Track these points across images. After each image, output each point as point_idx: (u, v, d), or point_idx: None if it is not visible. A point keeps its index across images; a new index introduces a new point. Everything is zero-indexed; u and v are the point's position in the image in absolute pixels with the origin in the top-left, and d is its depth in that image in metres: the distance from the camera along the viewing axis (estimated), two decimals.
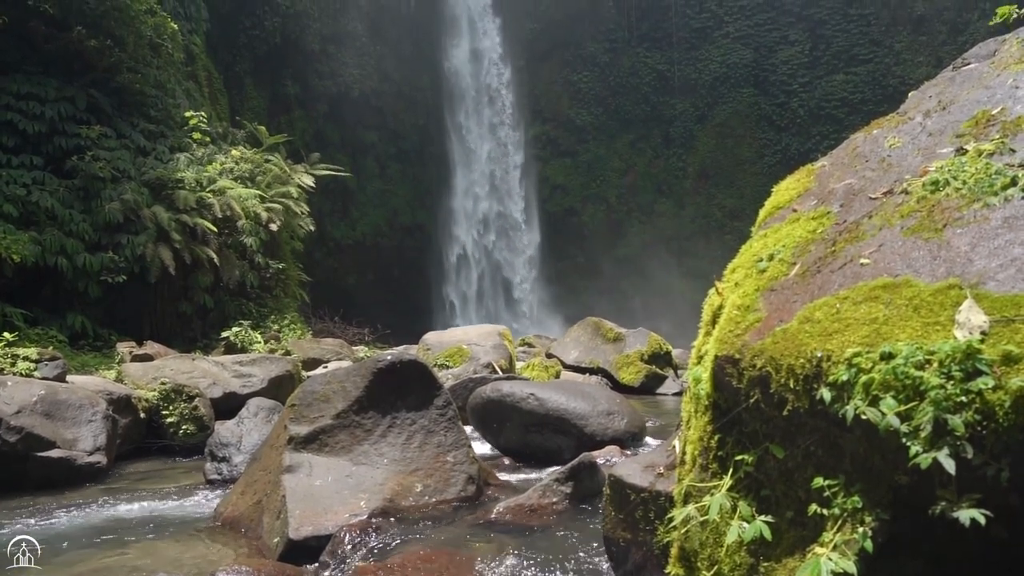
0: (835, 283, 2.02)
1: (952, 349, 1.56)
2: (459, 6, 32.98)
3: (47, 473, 6.14)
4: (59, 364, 8.13)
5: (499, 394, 6.49)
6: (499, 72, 33.44)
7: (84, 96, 14.89)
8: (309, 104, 28.37)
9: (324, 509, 4.13)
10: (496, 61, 33.44)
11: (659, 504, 2.62)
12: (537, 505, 4.26)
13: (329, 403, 4.78)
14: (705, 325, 2.56)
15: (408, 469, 4.61)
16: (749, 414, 2.03)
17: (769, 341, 1.97)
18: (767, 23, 31.70)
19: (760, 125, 31.79)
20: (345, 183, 27.10)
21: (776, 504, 1.96)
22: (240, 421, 6.64)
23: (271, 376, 9.27)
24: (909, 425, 1.54)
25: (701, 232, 31.88)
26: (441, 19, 32.75)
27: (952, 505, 1.48)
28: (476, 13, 33.24)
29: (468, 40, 33.16)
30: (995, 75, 2.59)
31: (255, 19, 25.65)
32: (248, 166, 17.70)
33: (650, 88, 33.54)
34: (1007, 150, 2.13)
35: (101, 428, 6.61)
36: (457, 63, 33.01)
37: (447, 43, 32.86)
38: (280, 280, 17.53)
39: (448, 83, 32.88)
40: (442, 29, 32.77)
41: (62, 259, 12.99)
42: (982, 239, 1.85)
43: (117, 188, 14.18)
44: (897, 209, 2.17)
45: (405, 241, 31.97)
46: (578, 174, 34.18)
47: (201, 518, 4.94)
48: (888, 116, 2.94)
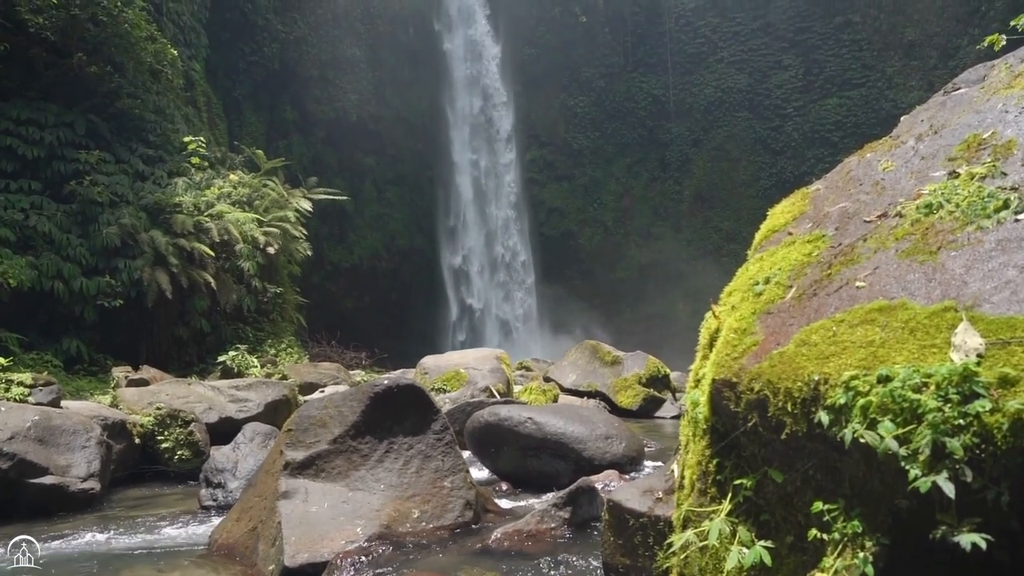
0: (831, 306, 2.02)
1: (949, 372, 1.56)
2: (457, 32, 33.36)
3: (40, 500, 6.07)
4: (54, 389, 8.08)
5: (497, 418, 6.46)
6: (496, 97, 33.69)
7: (83, 121, 14.99)
8: (307, 129, 28.57)
9: (320, 536, 4.09)
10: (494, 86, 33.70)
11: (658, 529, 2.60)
12: (535, 531, 4.22)
13: (326, 428, 4.75)
14: (702, 348, 2.56)
15: (405, 495, 4.57)
16: (747, 438, 2.02)
17: (766, 364, 1.96)
18: (761, 48, 32.12)
19: (755, 148, 32.06)
20: (343, 207, 27.19)
21: (776, 529, 1.94)
22: (236, 446, 6.58)
23: (267, 401, 9.21)
24: (907, 448, 1.54)
25: (698, 255, 31.99)
26: (439, 45, 33.10)
27: (953, 529, 1.47)
28: (474, 38, 33.60)
29: (466, 65, 33.47)
30: (985, 100, 2.62)
31: (254, 45, 25.92)
32: (246, 190, 17.77)
33: (646, 112, 33.87)
34: (999, 173, 2.15)
35: (95, 454, 6.55)
36: (455, 87, 33.29)
37: (445, 68, 33.17)
38: (277, 304, 17.51)
39: (446, 108, 33.13)
40: (440, 54, 33.11)
41: (59, 283, 12.98)
42: (976, 262, 1.86)
43: (115, 212, 14.22)
44: (892, 232, 2.19)
45: (403, 265, 32.00)
46: (575, 197, 34.36)
47: (196, 545, 4.88)
48: (881, 140, 2.97)
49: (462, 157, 33.29)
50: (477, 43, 33.83)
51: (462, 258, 32.68)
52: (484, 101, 33.67)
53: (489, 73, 34.00)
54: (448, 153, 33.13)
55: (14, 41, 14.15)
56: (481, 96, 33.66)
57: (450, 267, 32.69)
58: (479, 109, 33.52)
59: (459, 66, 33.48)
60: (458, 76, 33.42)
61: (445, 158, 32.98)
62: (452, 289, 32.41)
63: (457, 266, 32.63)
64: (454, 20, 33.62)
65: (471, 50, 33.65)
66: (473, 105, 33.45)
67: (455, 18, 33.65)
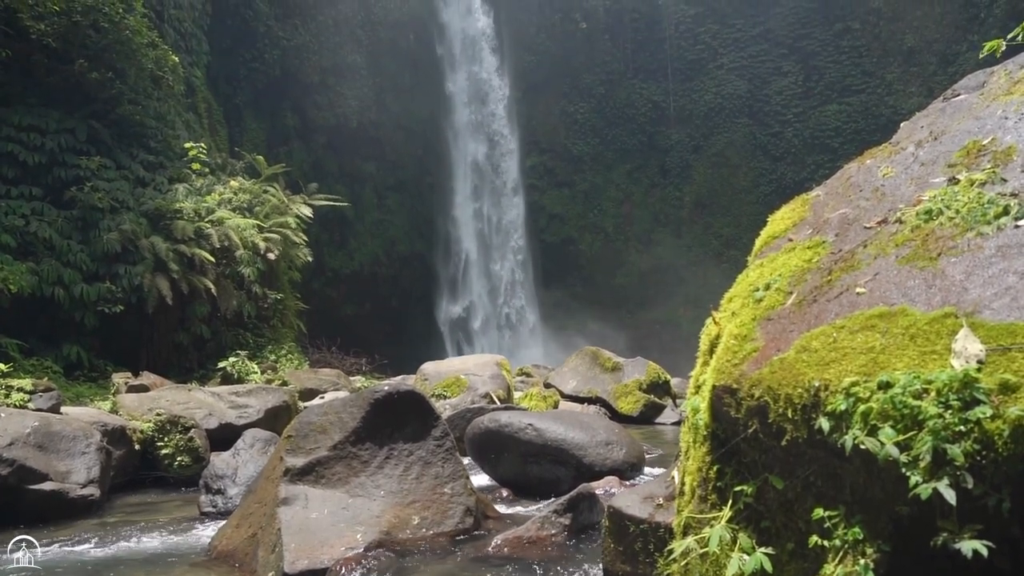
0: (832, 312, 2.02)
1: (949, 378, 1.56)
2: (457, 39, 33.38)
3: (39, 506, 6.05)
4: (53, 395, 8.08)
5: (497, 424, 6.45)
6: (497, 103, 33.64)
7: (85, 127, 15.02)
8: (308, 135, 28.62)
9: (320, 542, 4.08)
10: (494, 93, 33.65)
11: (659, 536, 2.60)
12: (536, 537, 4.21)
13: (326, 434, 4.74)
14: (703, 355, 2.56)
15: (405, 501, 4.56)
16: (748, 444, 2.02)
17: (767, 371, 1.96)
18: (760, 55, 32.21)
19: (755, 155, 32.11)
20: (343, 213, 27.23)
21: (776, 535, 1.94)
22: (236, 452, 6.57)
23: (267, 407, 9.20)
24: (908, 455, 1.53)
25: (698, 261, 31.99)
26: (439, 52, 33.15)
27: (954, 536, 1.47)
28: (474, 46, 33.60)
29: (466, 72, 33.46)
30: (985, 106, 2.62)
31: (255, 52, 25.99)
32: (246, 196, 17.79)
33: (646, 119, 33.94)
34: (998, 180, 2.16)
35: (95, 460, 6.54)
36: (455, 95, 33.27)
37: (445, 75, 33.16)
38: (278, 310, 17.51)
39: (446, 114, 33.14)
40: (440, 61, 33.16)
41: (59, 289, 12.98)
42: (976, 268, 1.86)
43: (116, 218, 14.24)
44: (892, 238, 2.19)
45: (403, 271, 32.01)
46: (575, 203, 34.39)
47: (195, 552, 4.86)
48: (881, 146, 2.97)
49: (464, 211, 32.71)
50: (483, 83, 33.18)
51: (462, 265, 32.51)
52: (490, 148, 33.14)
53: (496, 118, 33.08)
54: (449, 206, 32.68)
55: (16, 47, 14.19)
56: (486, 142, 33.07)
57: (450, 274, 32.59)
58: (480, 116, 33.37)
59: (460, 74, 33.28)
60: (458, 83, 33.24)
61: (444, 164, 32.90)
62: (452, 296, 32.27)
63: (457, 273, 32.48)
64: (458, 58, 32.99)
65: (476, 91, 33.13)
66: (474, 112, 33.31)
67: (459, 56, 32.96)
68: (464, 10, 33.50)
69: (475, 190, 32.87)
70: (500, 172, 33.21)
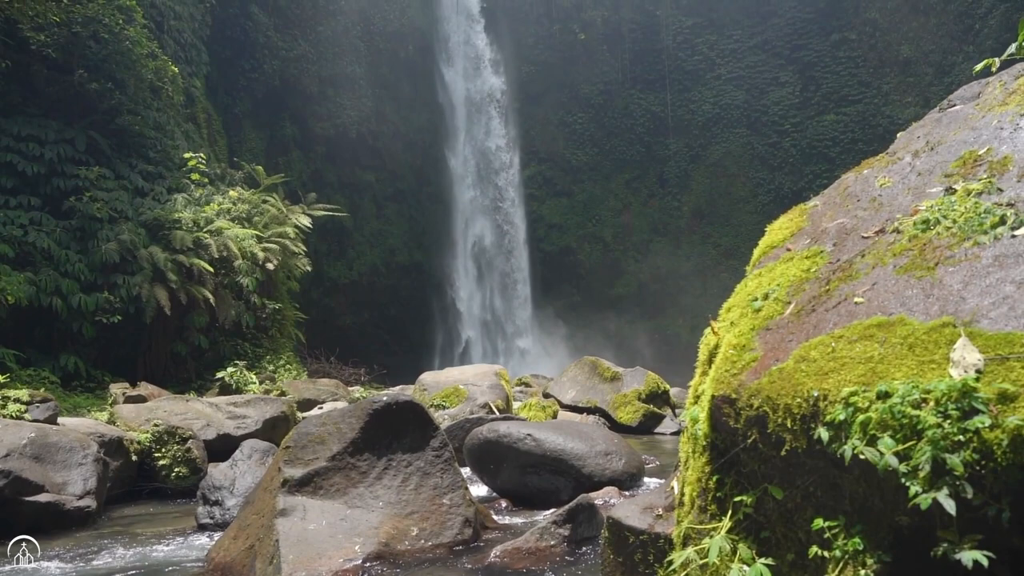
0: (830, 322, 2.02)
1: (948, 388, 1.56)
2: (456, 50, 33.52)
3: (35, 518, 6.02)
4: (50, 406, 8.05)
5: (496, 435, 6.43)
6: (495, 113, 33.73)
7: (84, 138, 15.05)
8: (307, 145, 28.69)
9: (318, 554, 4.06)
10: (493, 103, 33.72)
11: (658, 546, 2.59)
12: (535, 548, 4.19)
13: (324, 445, 4.73)
14: (701, 364, 2.56)
15: (404, 512, 4.54)
16: (747, 454, 2.01)
17: (766, 381, 1.96)
18: (758, 65, 32.37)
19: (753, 165, 32.22)
20: (342, 223, 27.25)
21: (776, 546, 1.93)
22: (233, 463, 6.54)
23: (265, 417, 9.18)
24: (907, 465, 1.53)
25: (697, 271, 32.03)
26: (438, 62, 33.28)
27: (954, 547, 1.46)
28: (473, 56, 33.73)
29: (465, 82, 33.57)
30: (980, 116, 2.64)
31: (255, 62, 26.08)
32: (245, 206, 17.81)
33: (644, 129, 34.06)
34: (995, 189, 2.16)
35: (91, 471, 6.51)
36: (454, 104, 33.36)
37: (444, 85, 33.27)
38: (276, 320, 17.49)
39: (445, 124, 33.23)
40: (439, 71, 33.28)
41: (57, 299, 12.96)
42: (974, 277, 1.86)
43: (114, 228, 14.24)
44: (889, 248, 2.19)
45: (402, 281, 32.01)
46: (574, 213, 34.46)
47: (192, 564, 4.84)
48: (878, 156, 2.98)
49: (460, 173, 32.90)
50: (491, 155, 32.97)
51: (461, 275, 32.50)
52: (483, 118, 33.45)
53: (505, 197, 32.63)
54: (446, 169, 32.86)
55: (16, 58, 14.24)
56: (481, 113, 33.32)
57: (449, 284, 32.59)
58: (479, 126, 33.46)
59: (458, 84, 33.34)
60: (457, 93, 33.29)
61: (443, 175, 32.95)
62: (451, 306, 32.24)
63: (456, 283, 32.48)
64: (457, 70, 32.75)
65: (470, 68, 33.41)
66: (472, 122, 33.39)
67: (458, 67, 32.63)
68: (463, 21, 33.65)
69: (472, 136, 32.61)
70: (500, 187, 33.19)
